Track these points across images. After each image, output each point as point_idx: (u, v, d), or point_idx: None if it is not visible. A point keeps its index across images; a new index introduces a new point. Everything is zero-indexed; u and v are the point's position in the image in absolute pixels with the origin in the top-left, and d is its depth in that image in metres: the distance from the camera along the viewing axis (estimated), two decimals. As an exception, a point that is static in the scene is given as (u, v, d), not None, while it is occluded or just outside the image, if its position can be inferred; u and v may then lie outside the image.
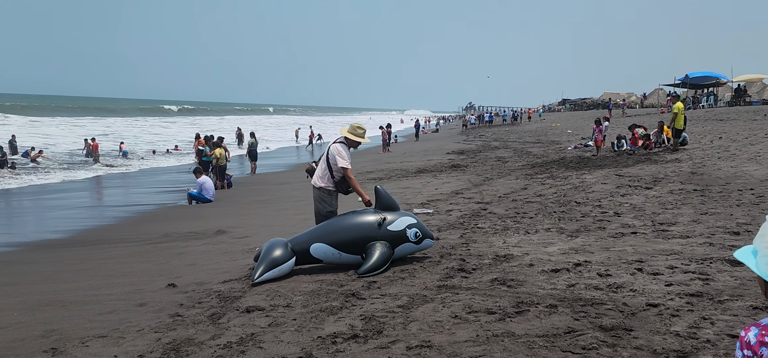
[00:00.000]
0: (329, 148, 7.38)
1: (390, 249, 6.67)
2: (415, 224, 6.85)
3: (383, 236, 6.69)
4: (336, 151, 7.20)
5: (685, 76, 43.45)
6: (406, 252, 6.89)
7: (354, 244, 6.72)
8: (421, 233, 6.84)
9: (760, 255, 1.68)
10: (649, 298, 5.10)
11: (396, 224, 6.76)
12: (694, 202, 9.63)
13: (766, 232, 1.70)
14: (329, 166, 7.28)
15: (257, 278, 6.38)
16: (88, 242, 10.21)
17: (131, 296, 6.25)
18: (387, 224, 6.74)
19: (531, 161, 19.53)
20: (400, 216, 6.87)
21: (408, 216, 6.95)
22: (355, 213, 6.99)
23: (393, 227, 6.73)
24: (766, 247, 1.68)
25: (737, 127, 22.67)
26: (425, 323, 4.77)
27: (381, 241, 6.68)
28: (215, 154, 19.65)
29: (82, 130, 47.22)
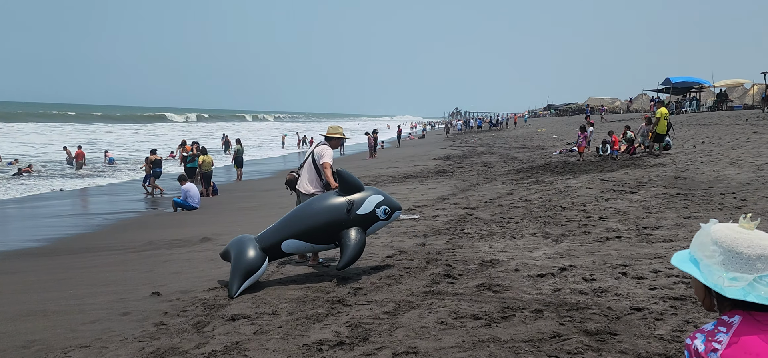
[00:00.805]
0: (313, 152, 7.55)
1: (363, 234, 6.60)
2: (383, 200, 6.76)
3: (354, 221, 6.57)
4: (320, 152, 7.42)
5: (666, 81, 43.93)
6: (378, 229, 6.89)
7: (325, 232, 6.58)
8: (389, 208, 6.77)
9: (703, 265, 1.70)
10: (633, 302, 5.14)
11: (365, 206, 6.62)
12: (677, 206, 9.72)
13: (704, 240, 1.73)
14: (317, 170, 7.46)
15: (236, 293, 6.18)
16: (71, 250, 10.09)
17: (115, 305, 6.18)
18: (356, 208, 6.59)
19: (517, 166, 19.62)
20: (367, 196, 6.71)
21: (375, 194, 6.81)
22: (322, 199, 6.82)
23: (362, 210, 6.60)
24: (707, 256, 1.70)
25: (719, 131, 22.95)
26: (411, 329, 4.77)
27: (353, 227, 6.56)
28: (200, 160, 19.55)
29: (65, 138, 46.73)
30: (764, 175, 11.99)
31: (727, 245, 1.67)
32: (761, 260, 1.64)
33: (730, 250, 1.66)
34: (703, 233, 1.75)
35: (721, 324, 1.66)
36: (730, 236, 1.69)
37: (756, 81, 41.35)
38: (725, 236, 1.69)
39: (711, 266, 1.69)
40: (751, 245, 1.66)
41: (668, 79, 43.98)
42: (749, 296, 1.60)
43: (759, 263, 1.64)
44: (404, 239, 8.68)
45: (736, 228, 1.71)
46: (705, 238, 1.74)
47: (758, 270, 1.63)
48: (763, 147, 16.38)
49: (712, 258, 1.69)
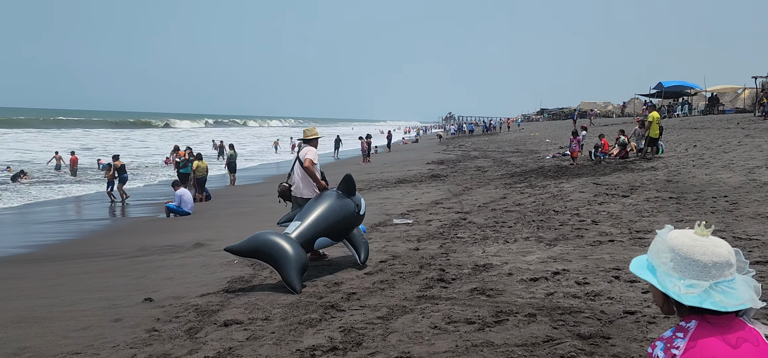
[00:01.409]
0: (299, 157, 7.89)
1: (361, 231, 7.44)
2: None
3: (358, 220, 7.41)
4: (304, 152, 7.76)
5: (659, 85, 44.17)
6: None
7: (345, 230, 7.24)
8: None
9: (659, 272, 1.73)
10: (626, 305, 5.15)
11: (362, 205, 7.55)
12: (669, 209, 9.76)
13: (660, 247, 1.76)
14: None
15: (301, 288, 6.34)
16: (63, 256, 10.03)
17: (107, 311, 6.15)
18: (360, 208, 7.44)
19: (510, 171, 19.66)
20: (361, 198, 7.62)
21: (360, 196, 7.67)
22: (340, 199, 7.28)
23: (362, 210, 7.50)
24: (663, 263, 1.73)
25: (711, 135, 23.08)
26: (405, 334, 4.76)
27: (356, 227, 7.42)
28: (195, 166, 19.48)
29: (55, 143, 46.51)
30: (756, 178, 12.07)
31: (684, 252, 1.69)
32: (716, 267, 1.66)
33: (686, 257, 1.69)
34: (660, 239, 1.78)
35: (679, 330, 1.69)
36: (686, 244, 1.71)
37: (747, 85, 41.63)
38: (681, 243, 1.71)
39: (668, 273, 1.71)
40: (706, 252, 1.68)
41: (660, 84, 44.23)
42: (705, 302, 1.63)
43: (714, 269, 1.66)
44: (398, 244, 8.67)
45: (691, 235, 1.73)
46: (661, 245, 1.76)
47: (713, 277, 1.66)
48: (754, 151, 16.48)
49: (668, 265, 1.72)
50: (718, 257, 1.68)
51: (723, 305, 1.62)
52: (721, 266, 1.67)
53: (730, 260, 1.69)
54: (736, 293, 1.65)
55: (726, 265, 1.67)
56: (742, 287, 1.68)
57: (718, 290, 1.65)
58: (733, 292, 1.65)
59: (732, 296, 1.63)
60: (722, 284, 1.66)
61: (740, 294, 1.65)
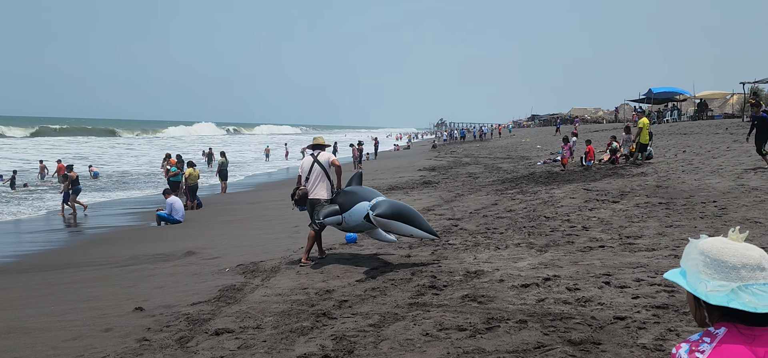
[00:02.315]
0: (317, 162, 8.37)
1: None
2: None
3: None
4: (327, 158, 8.44)
5: (649, 91, 44.47)
6: None
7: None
8: None
9: (689, 274, 1.74)
10: (616, 311, 5.17)
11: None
12: (659, 215, 9.82)
13: (690, 253, 1.77)
14: (327, 175, 8.34)
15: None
16: (53, 265, 9.96)
17: (97, 321, 6.11)
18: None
19: (501, 177, 19.72)
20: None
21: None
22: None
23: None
24: (694, 266, 1.74)
25: (700, 141, 23.26)
26: (396, 341, 4.76)
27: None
28: (186, 173, 19.41)
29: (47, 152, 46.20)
30: (744, 183, 12.17)
31: (713, 254, 1.70)
32: (746, 268, 1.65)
33: (715, 259, 1.69)
34: (691, 245, 1.78)
35: (706, 335, 1.68)
36: (716, 246, 1.71)
37: (736, 91, 42.00)
38: (712, 246, 1.72)
39: (697, 274, 1.71)
40: (736, 254, 1.67)
41: (650, 90, 44.52)
42: (732, 302, 1.62)
43: (743, 271, 1.65)
44: (389, 251, 8.68)
45: (724, 240, 1.74)
46: (693, 249, 1.77)
47: (742, 278, 1.64)
48: (742, 156, 16.62)
49: (699, 268, 1.72)
50: (749, 259, 1.66)
51: (752, 306, 1.59)
52: (752, 268, 1.65)
53: (762, 264, 1.67)
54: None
55: (757, 267, 1.66)
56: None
57: (747, 292, 1.62)
58: (765, 295, 1.62)
59: (763, 299, 1.61)
60: (753, 286, 1.64)
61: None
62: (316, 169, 8.37)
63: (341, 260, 8.31)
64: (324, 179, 8.33)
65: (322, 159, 8.40)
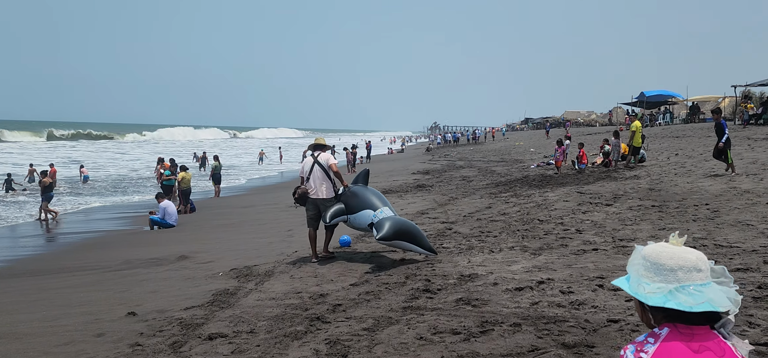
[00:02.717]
0: (317, 162, 8.67)
1: None
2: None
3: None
4: (326, 158, 8.76)
5: (641, 95, 44.70)
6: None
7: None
8: None
9: (632, 279, 1.83)
10: (610, 314, 5.19)
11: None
12: (652, 217, 9.86)
13: (634, 259, 1.86)
14: (329, 177, 8.68)
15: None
16: (45, 270, 9.91)
17: (89, 326, 6.08)
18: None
19: (495, 180, 19.75)
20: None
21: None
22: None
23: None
24: (636, 271, 1.83)
25: (693, 144, 23.39)
26: (390, 345, 4.76)
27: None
28: (179, 177, 19.36)
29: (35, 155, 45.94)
30: (736, 186, 12.23)
31: (652, 258, 1.78)
32: (682, 270, 1.73)
33: (654, 262, 1.77)
34: (636, 252, 1.88)
35: (651, 336, 1.77)
36: (656, 251, 1.80)
37: (727, 94, 42.26)
38: (652, 250, 1.81)
39: (638, 278, 1.80)
40: (673, 257, 1.76)
41: (643, 93, 44.75)
42: (669, 302, 1.70)
43: (680, 272, 1.73)
44: (383, 255, 8.68)
45: (664, 244, 1.82)
46: (636, 256, 1.86)
47: (679, 280, 1.73)
48: (734, 158, 16.72)
49: (639, 272, 1.81)
50: (685, 262, 1.75)
51: (687, 306, 1.67)
52: (688, 269, 1.74)
53: (698, 266, 1.74)
54: (704, 295, 1.70)
55: (693, 269, 1.74)
56: (714, 293, 1.72)
57: (683, 292, 1.71)
58: (701, 295, 1.70)
59: (698, 298, 1.69)
60: (689, 287, 1.72)
61: (712, 298, 1.70)
62: (317, 170, 8.68)
63: (335, 263, 8.30)
64: (325, 179, 8.68)
65: (322, 160, 8.72)
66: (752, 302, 5.21)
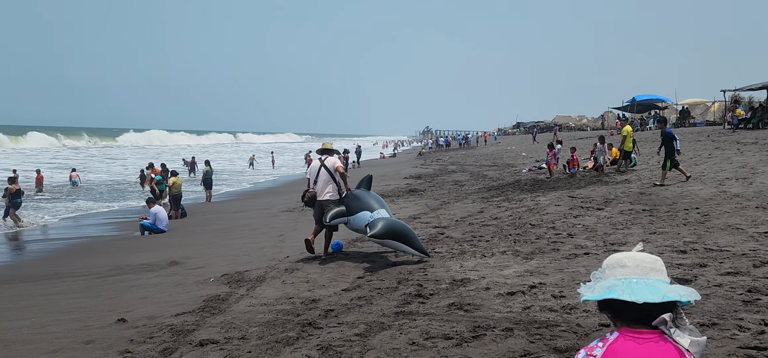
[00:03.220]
0: (324, 166, 9.12)
1: None
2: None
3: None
4: (333, 162, 9.18)
5: (632, 99, 44.95)
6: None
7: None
8: None
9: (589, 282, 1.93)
10: (601, 318, 5.19)
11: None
12: (643, 222, 9.90)
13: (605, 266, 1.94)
14: (334, 179, 9.06)
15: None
16: (34, 277, 9.82)
17: (78, 333, 6.02)
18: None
19: (487, 184, 19.78)
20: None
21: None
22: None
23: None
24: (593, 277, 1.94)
25: (683, 148, 23.47)
26: (383, 350, 4.74)
27: None
28: (170, 182, 19.27)
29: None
30: (726, 190, 12.31)
31: (606, 263, 1.92)
32: (624, 268, 1.84)
33: (606, 265, 1.91)
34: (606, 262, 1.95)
35: (601, 340, 1.84)
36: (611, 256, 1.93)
37: (717, 98, 42.59)
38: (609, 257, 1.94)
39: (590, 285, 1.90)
40: (619, 256, 1.89)
41: (634, 98, 45.02)
42: (610, 293, 1.79)
43: (619, 268, 1.85)
44: (375, 259, 8.66)
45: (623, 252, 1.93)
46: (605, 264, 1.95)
47: (620, 275, 1.84)
48: (724, 163, 16.84)
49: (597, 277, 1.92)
50: (630, 260, 1.86)
51: (628, 296, 1.75)
52: (632, 268, 1.84)
53: (622, 262, 1.86)
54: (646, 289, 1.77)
55: (637, 267, 1.83)
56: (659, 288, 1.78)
57: (625, 285, 1.79)
58: (643, 289, 1.77)
59: (636, 291, 1.76)
60: (632, 280, 1.80)
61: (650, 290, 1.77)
62: (324, 173, 9.12)
63: (327, 268, 8.28)
64: (331, 182, 9.08)
65: (329, 164, 9.15)
66: (742, 306, 5.24)
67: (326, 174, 9.11)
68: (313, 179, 9.22)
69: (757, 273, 6.25)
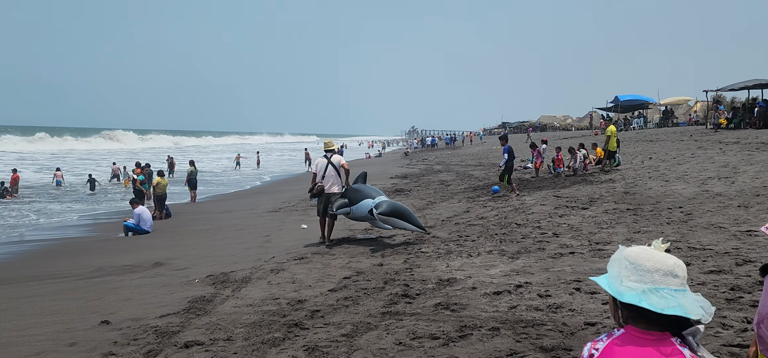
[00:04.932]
0: (330, 163, 10.36)
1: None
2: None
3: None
4: (339, 160, 10.50)
5: (615, 99, 45.32)
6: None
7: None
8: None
9: (611, 276, 1.87)
10: (587, 317, 5.23)
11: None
12: (627, 221, 9.98)
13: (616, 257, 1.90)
14: (339, 174, 10.35)
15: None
16: (15, 278, 9.67)
17: (61, 335, 5.94)
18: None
19: (473, 184, 19.85)
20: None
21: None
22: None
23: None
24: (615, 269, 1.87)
25: (666, 147, 23.74)
26: (369, 351, 4.73)
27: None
28: (155, 182, 19.09)
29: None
30: (708, 189, 12.45)
31: (632, 259, 1.83)
32: (659, 273, 1.78)
33: (634, 263, 1.82)
34: (618, 252, 1.91)
35: (607, 335, 1.83)
36: (636, 252, 1.85)
37: (699, 98, 43.06)
38: (633, 252, 1.86)
39: (617, 277, 1.84)
40: (652, 259, 1.81)
41: (617, 98, 45.38)
42: (642, 302, 1.74)
43: (656, 275, 1.78)
44: (361, 260, 8.65)
45: (644, 247, 1.87)
46: (618, 255, 1.90)
47: (654, 282, 1.77)
48: (706, 162, 17.03)
49: (620, 271, 1.85)
50: (664, 266, 1.79)
51: (659, 307, 1.71)
52: (664, 273, 1.78)
53: (674, 271, 1.78)
54: (676, 300, 1.73)
55: (669, 273, 1.78)
56: (687, 300, 1.75)
57: (657, 294, 1.74)
58: (673, 299, 1.73)
59: (670, 302, 1.72)
60: (662, 290, 1.75)
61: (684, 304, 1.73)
62: (330, 169, 10.36)
63: (313, 269, 8.25)
64: (336, 177, 10.35)
65: (335, 161, 10.43)
66: (725, 304, 5.29)
67: (333, 170, 10.35)
68: (321, 175, 10.37)
69: (739, 271, 6.33)
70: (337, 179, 10.39)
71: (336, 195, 10.24)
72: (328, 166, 10.41)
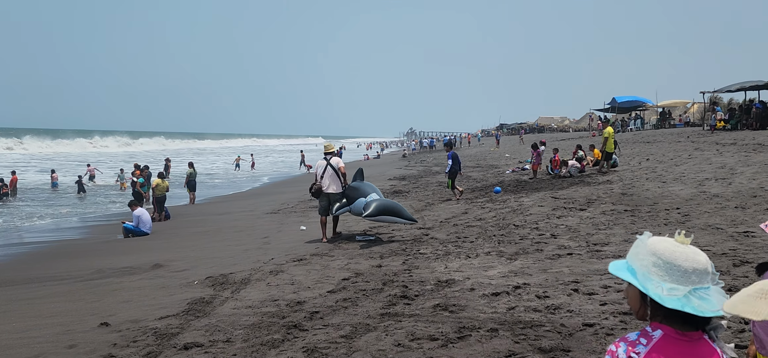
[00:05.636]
0: (330, 164, 11.10)
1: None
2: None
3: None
4: (337, 162, 11.23)
5: (613, 100, 45.42)
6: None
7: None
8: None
9: (640, 274, 1.78)
10: (585, 318, 5.25)
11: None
12: (625, 222, 10.02)
13: (641, 250, 1.82)
14: (338, 175, 11.04)
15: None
16: (14, 281, 9.67)
17: (60, 337, 5.95)
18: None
19: (471, 186, 19.87)
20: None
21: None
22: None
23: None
24: (644, 265, 1.78)
25: (663, 149, 23.80)
26: (368, 352, 4.75)
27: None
28: (154, 184, 19.08)
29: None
30: (706, 190, 12.49)
31: (666, 257, 1.74)
32: (696, 273, 1.71)
33: (669, 262, 1.73)
34: (640, 243, 1.83)
35: (643, 336, 1.76)
36: (668, 249, 1.76)
37: (696, 100, 43.15)
38: (664, 248, 1.76)
39: (649, 275, 1.75)
40: (688, 258, 1.73)
41: (614, 99, 45.49)
42: (686, 306, 1.67)
43: (694, 275, 1.71)
44: (360, 261, 8.67)
45: (672, 242, 1.79)
46: (642, 248, 1.81)
47: (693, 283, 1.71)
48: (703, 163, 17.07)
49: (649, 268, 1.76)
50: (699, 264, 1.73)
51: (701, 310, 1.66)
52: (701, 273, 1.72)
53: (708, 269, 1.74)
54: (712, 300, 1.69)
55: (704, 272, 1.73)
56: (717, 297, 1.72)
57: (696, 296, 1.69)
58: (710, 299, 1.69)
59: (709, 303, 1.68)
60: (700, 290, 1.70)
61: (716, 302, 1.70)
62: (329, 171, 11.10)
63: (312, 270, 8.27)
64: (335, 178, 11.07)
65: (334, 163, 11.17)
66: (722, 305, 5.32)
67: (332, 172, 11.09)
68: (320, 175, 11.14)
69: (737, 272, 6.36)
70: (336, 179, 11.07)
71: (335, 195, 10.96)
72: (327, 168, 11.17)
